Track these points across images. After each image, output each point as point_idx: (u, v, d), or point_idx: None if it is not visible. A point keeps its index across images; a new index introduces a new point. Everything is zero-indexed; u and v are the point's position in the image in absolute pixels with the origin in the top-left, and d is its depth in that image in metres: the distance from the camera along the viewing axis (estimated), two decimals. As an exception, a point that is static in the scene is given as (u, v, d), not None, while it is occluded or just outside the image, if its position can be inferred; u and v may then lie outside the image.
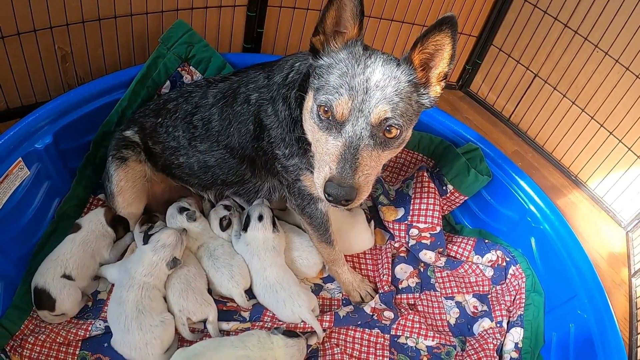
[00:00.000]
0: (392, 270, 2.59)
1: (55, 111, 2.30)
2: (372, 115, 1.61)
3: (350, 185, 1.58)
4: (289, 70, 2.01)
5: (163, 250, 2.19)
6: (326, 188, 1.60)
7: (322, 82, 1.69)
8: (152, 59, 2.50)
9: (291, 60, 2.05)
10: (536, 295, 2.44)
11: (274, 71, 2.07)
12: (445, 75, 1.74)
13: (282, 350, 2.04)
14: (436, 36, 1.62)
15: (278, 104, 2.01)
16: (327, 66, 1.70)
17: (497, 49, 3.74)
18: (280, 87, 2.01)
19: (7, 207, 2.12)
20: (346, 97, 1.61)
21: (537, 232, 2.52)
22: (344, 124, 1.64)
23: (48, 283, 2.10)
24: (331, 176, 1.60)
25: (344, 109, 1.62)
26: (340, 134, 1.64)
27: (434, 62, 1.72)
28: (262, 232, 2.37)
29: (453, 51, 1.66)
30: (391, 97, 1.63)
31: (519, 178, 2.59)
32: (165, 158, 2.38)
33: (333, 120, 1.65)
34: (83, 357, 2.08)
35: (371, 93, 1.62)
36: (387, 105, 1.62)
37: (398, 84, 1.65)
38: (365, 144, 1.63)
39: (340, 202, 1.61)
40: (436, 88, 1.77)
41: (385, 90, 1.63)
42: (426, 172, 2.66)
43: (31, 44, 2.54)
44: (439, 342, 2.35)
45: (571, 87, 3.37)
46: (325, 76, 1.68)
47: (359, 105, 1.61)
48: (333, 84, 1.65)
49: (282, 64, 2.07)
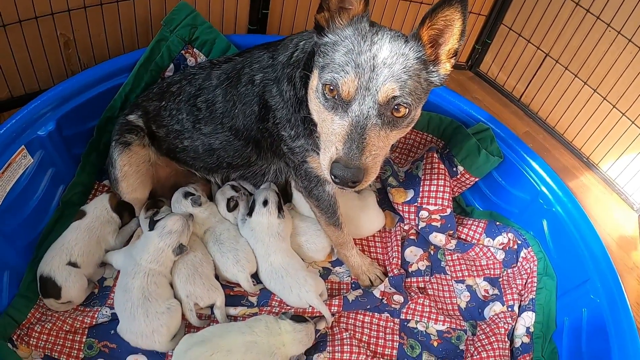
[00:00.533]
0: (402, 253, 2.56)
1: (58, 97, 2.28)
2: (379, 94, 1.57)
3: (357, 166, 1.54)
4: (293, 49, 1.97)
5: (169, 237, 2.17)
6: (332, 169, 1.56)
7: (327, 60, 1.64)
8: (155, 42, 2.47)
9: (296, 39, 2.00)
10: (548, 279, 2.41)
11: (278, 50, 2.03)
12: (455, 52, 1.69)
13: (290, 335, 2.02)
14: (446, 11, 1.57)
15: (283, 84, 1.97)
16: (332, 44, 1.65)
17: (507, 28, 3.67)
18: (285, 67, 1.96)
19: (11, 195, 2.10)
20: (352, 75, 1.57)
21: (549, 215, 2.48)
22: (350, 103, 1.59)
23: (53, 271, 2.09)
24: (337, 157, 1.56)
25: (350, 87, 1.57)
26: (346, 113, 1.60)
27: (443, 38, 1.66)
28: (267, 218, 2.34)
29: (463, 27, 1.61)
30: (399, 74, 1.58)
31: (530, 159, 2.55)
32: (169, 142, 2.35)
33: (339, 99, 1.61)
34: (90, 344, 2.08)
35: (378, 71, 1.57)
36: (395, 83, 1.57)
37: (406, 61, 1.60)
38: (373, 124, 1.59)
39: (347, 184, 1.56)
40: (446, 65, 1.72)
41: (393, 67, 1.58)
42: (436, 153, 2.62)
43: (33, 32, 2.52)
44: (449, 326, 2.33)
45: (583, 67, 3.31)
46: (331, 54, 1.63)
47: (366, 83, 1.56)
48: (338, 61, 1.60)
49: (286, 43, 2.03)
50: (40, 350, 2.02)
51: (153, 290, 2.06)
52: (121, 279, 2.14)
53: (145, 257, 2.13)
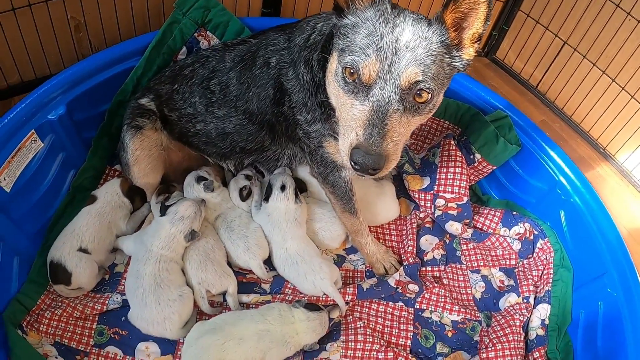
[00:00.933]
0: (417, 241, 2.53)
1: (68, 81, 2.26)
2: (401, 78, 1.52)
3: (378, 153, 1.50)
4: (310, 32, 1.92)
5: (181, 223, 2.15)
6: (352, 156, 1.52)
7: (347, 42, 1.59)
8: (167, 25, 2.42)
9: (313, 20, 1.95)
10: (564, 271, 2.37)
11: (294, 32, 1.98)
12: (479, 37, 1.64)
13: (303, 324, 2.01)
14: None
15: (299, 67, 1.93)
16: (352, 25, 1.61)
17: (524, 14, 3.59)
18: (302, 49, 1.92)
19: (21, 180, 2.09)
20: (374, 58, 1.52)
21: (567, 205, 2.43)
22: (371, 87, 1.55)
23: (64, 257, 2.08)
24: (358, 143, 1.52)
25: (371, 71, 1.53)
26: (367, 97, 1.55)
27: (467, 22, 1.62)
28: (284, 203, 2.31)
29: (489, 10, 1.56)
30: (422, 58, 1.53)
31: (549, 148, 2.49)
32: (181, 126, 2.32)
33: (359, 83, 1.56)
34: (100, 331, 2.07)
35: (401, 54, 1.52)
36: (418, 68, 1.52)
37: (429, 45, 1.55)
38: (394, 109, 1.54)
39: (367, 171, 1.53)
40: (469, 50, 1.67)
41: (415, 51, 1.53)
42: (453, 140, 2.58)
43: (43, 15, 2.48)
44: (464, 317, 2.31)
45: (601, 56, 3.23)
46: (351, 36, 1.59)
47: (388, 67, 1.52)
48: (359, 44, 1.55)
49: (303, 25, 1.98)
50: (50, 336, 2.02)
51: (165, 276, 2.04)
52: (132, 265, 2.12)
53: (157, 242, 2.11)
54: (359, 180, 2.33)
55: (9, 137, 2.03)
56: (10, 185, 2.04)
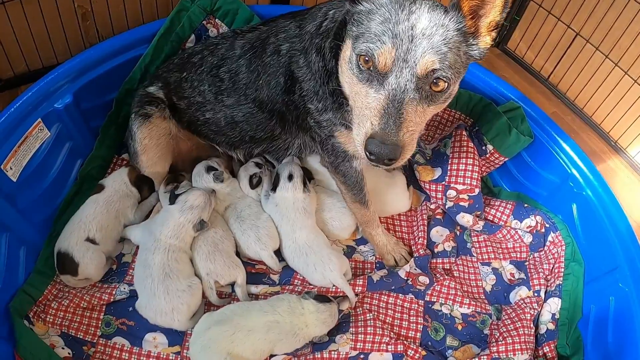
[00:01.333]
0: (428, 233, 2.50)
1: (75, 70, 2.24)
2: (418, 66, 1.49)
3: (394, 142, 1.47)
4: (322, 19, 1.89)
5: (190, 212, 2.13)
6: (368, 146, 1.49)
7: (362, 29, 1.56)
8: (176, 13, 2.40)
9: (325, 7, 1.92)
10: (576, 265, 2.34)
11: (306, 20, 1.95)
12: (496, 25, 1.60)
13: (313, 315, 1.99)
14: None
15: (311, 55, 1.90)
16: (366, 12, 1.57)
17: (537, 5, 3.54)
18: (314, 37, 1.88)
19: (28, 169, 2.08)
20: (389, 46, 1.48)
21: (579, 198, 2.40)
22: (387, 75, 1.51)
23: (71, 247, 2.06)
24: (373, 132, 1.49)
25: (386, 59, 1.49)
26: (382, 86, 1.52)
27: (484, 9, 1.58)
28: (292, 193, 2.29)
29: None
30: (439, 46, 1.50)
31: (561, 140, 2.45)
32: (190, 114, 2.29)
33: (374, 71, 1.53)
34: (107, 321, 2.06)
35: (417, 41, 1.48)
36: (435, 56, 1.49)
37: (446, 33, 1.52)
38: (410, 98, 1.51)
39: (383, 161, 1.50)
40: (486, 39, 1.64)
41: (432, 38, 1.49)
42: (465, 131, 2.54)
43: (50, 4, 2.48)
44: (474, 309, 2.28)
45: (614, 48, 3.18)
46: (366, 23, 1.55)
47: (404, 54, 1.48)
48: (374, 31, 1.52)
49: (315, 12, 1.95)
50: (57, 327, 2.01)
51: (174, 267, 2.02)
52: (140, 254, 2.11)
53: (165, 232, 2.09)
54: (369, 170, 2.30)
55: (15, 125, 2.02)
56: (17, 174, 2.03)
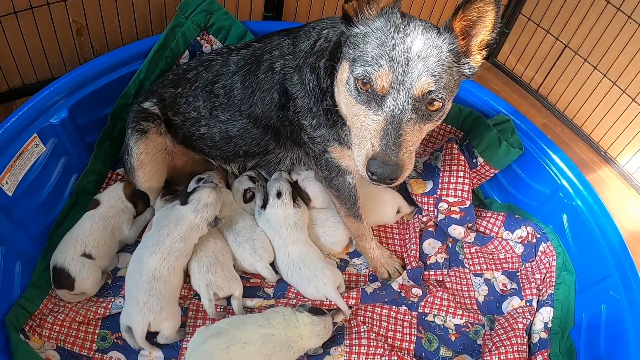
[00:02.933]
0: (420, 245, 2.52)
1: (70, 85, 2.25)
2: (414, 88, 1.53)
3: (395, 163, 1.52)
4: (316, 38, 1.92)
5: (205, 210, 2.14)
6: (370, 166, 1.54)
7: (359, 52, 1.60)
8: (170, 29, 2.43)
9: (318, 26, 1.96)
10: (567, 274, 2.37)
11: (299, 37, 1.99)
12: (487, 44, 1.67)
13: (308, 328, 2.00)
14: (479, 2, 1.55)
15: (305, 73, 1.93)
16: (362, 35, 1.61)
17: (525, 18, 3.60)
18: (308, 56, 1.92)
19: (24, 183, 2.09)
20: (386, 69, 1.53)
21: (569, 209, 2.43)
22: (385, 97, 1.55)
23: (67, 262, 2.07)
24: (374, 154, 1.53)
25: (384, 82, 1.54)
26: (380, 107, 1.56)
27: (475, 30, 1.64)
28: (282, 209, 2.31)
29: (497, 18, 1.59)
30: (434, 68, 1.55)
31: (551, 152, 2.49)
32: (186, 129, 2.32)
33: (372, 93, 1.57)
34: (103, 336, 2.06)
35: (413, 64, 1.53)
36: (430, 78, 1.54)
37: (440, 54, 1.57)
38: (408, 118, 1.56)
39: (385, 180, 1.54)
40: (477, 57, 1.69)
41: (427, 60, 1.54)
42: (455, 144, 2.58)
43: (45, 18, 2.48)
44: (467, 320, 2.30)
45: (602, 59, 3.24)
46: (362, 46, 1.59)
47: (400, 77, 1.53)
48: (371, 54, 1.56)
49: (308, 30, 1.98)
50: (52, 341, 2.00)
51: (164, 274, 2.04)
52: (138, 250, 2.12)
53: (175, 234, 2.09)
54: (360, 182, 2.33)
55: (11, 140, 2.03)
56: (13, 188, 2.03)
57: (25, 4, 2.36)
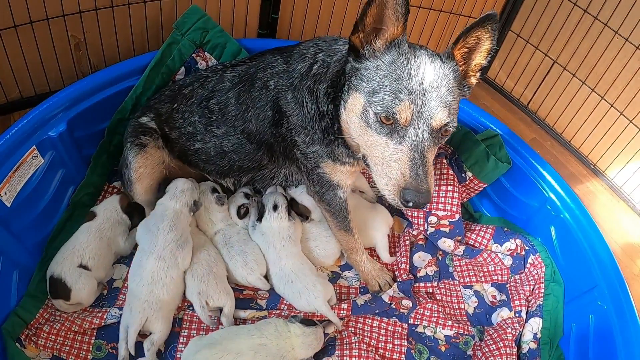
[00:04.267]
0: (410, 258, 2.55)
1: (69, 99, 2.29)
2: (433, 121, 1.62)
3: (427, 190, 1.60)
4: (312, 61, 1.96)
5: (183, 195, 2.25)
6: (405, 196, 1.59)
7: (375, 85, 1.65)
8: (167, 45, 2.47)
9: (312, 48, 2.00)
10: (555, 285, 2.40)
11: (293, 57, 2.03)
12: (481, 67, 1.78)
13: (299, 339, 2.02)
14: (478, 30, 1.66)
15: (302, 95, 1.98)
16: (374, 68, 1.67)
17: (515, 34, 3.66)
18: (304, 78, 1.96)
19: (22, 195, 2.11)
20: (407, 102, 1.59)
21: (557, 221, 2.48)
22: (407, 128, 1.62)
23: (64, 272, 2.09)
24: (407, 183, 1.59)
25: (407, 115, 1.60)
26: (403, 138, 1.63)
27: (473, 55, 1.75)
28: (277, 222, 2.35)
29: (492, 45, 1.71)
30: (446, 97, 1.63)
31: (539, 166, 2.54)
32: (182, 144, 2.36)
33: (395, 125, 1.63)
34: (98, 346, 2.07)
35: (428, 95, 1.61)
36: (445, 110, 1.63)
37: (449, 82, 1.65)
38: (428, 146, 1.64)
39: (420, 207, 1.61)
40: (472, 79, 1.81)
41: (440, 91, 1.62)
42: (445, 159, 2.62)
43: (44, 33, 2.51)
44: (457, 331, 2.32)
45: (590, 74, 3.30)
46: (378, 79, 1.65)
47: (419, 108, 1.60)
48: (390, 88, 1.62)
49: (302, 50, 2.03)
50: (48, 350, 2.02)
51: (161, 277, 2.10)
52: (137, 254, 2.18)
53: (164, 224, 2.17)
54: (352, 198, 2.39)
55: (10, 152, 2.06)
56: (11, 200, 2.06)
57: (25, 19, 2.40)
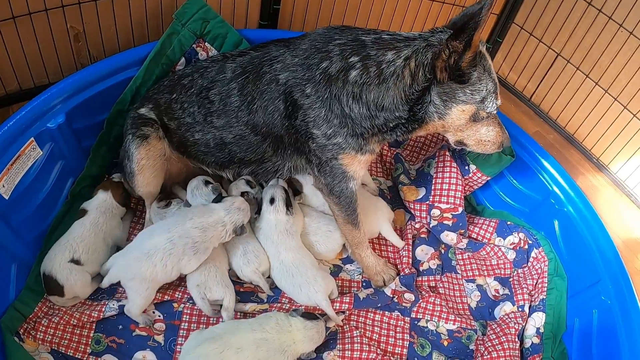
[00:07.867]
0: (413, 251, 2.54)
1: (68, 90, 2.26)
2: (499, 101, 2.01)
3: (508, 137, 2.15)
4: (343, 64, 1.92)
5: (237, 213, 2.19)
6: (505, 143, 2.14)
7: (484, 93, 1.91)
8: (167, 36, 2.44)
9: (336, 49, 1.95)
10: (559, 280, 2.39)
11: (308, 51, 1.99)
12: None
13: (301, 332, 2.01)
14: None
15: (337, 96, 1.95)
16: (477, 80, 1.89)
17: (518, 27, 3.63)
18: (339, 82, 1.93)
19: (20, 187, 2.09)
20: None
21: (560, 215, 2.47)
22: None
23: (55, 269, 2.06)
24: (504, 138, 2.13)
25: None
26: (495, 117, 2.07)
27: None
28: (275, 215, 2.32)
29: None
30: None
31: (542, 159, 2.53)
32: (180, 135, 2.33)
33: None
34: (97, 339, 2.06)
35: None
36: None
37: None
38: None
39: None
40: None
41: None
42: (448, 151, 2.60)
43: (43, 24, 2.49)
44: (459, 325, 2.31)
45: (594, 67, 3.27)
46: (484, 88, 1.91)
47: None
48: (494, 91, 1.94)
49: (317, 45, 1.99)
50: (47, 344, 2.01)
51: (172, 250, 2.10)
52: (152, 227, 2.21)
53: (199, 220, 2.14)
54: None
55: (8, 144, 2.03)
56: (9, 192, 2.04)
57: (24, 10, 2.37)
